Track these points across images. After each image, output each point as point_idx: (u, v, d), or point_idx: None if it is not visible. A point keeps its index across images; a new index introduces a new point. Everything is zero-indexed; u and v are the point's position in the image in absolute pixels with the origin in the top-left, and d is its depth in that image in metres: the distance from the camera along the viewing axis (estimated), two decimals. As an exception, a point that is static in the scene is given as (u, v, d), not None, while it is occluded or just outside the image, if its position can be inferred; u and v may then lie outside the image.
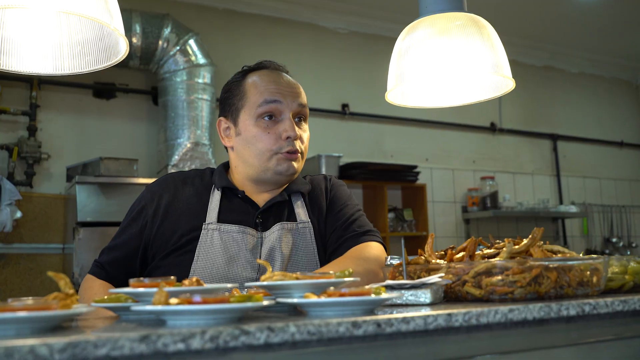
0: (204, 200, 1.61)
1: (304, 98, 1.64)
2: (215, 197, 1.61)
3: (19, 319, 0.76)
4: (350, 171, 4.59)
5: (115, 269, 1.58)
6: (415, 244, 4.78)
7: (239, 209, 1.60)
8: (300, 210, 1.64)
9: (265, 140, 1.57)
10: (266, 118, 1.58)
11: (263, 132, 1.57)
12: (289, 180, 1.64)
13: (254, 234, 1.57)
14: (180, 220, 1.57)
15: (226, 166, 1.73)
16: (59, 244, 3.87)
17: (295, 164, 1.60)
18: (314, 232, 1.63)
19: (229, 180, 1.65)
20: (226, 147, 1.70)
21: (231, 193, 1.63)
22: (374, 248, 1.60)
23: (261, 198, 1.64)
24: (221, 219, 1.57)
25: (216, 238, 1.53)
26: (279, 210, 1.63)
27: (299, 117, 1.64)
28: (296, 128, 1.59)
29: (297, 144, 1.59)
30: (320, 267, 1.59)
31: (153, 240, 1.57)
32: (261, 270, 1.53)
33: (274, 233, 1.57)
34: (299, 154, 1.61)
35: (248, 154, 1.60)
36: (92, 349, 0.67)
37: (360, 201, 4.88)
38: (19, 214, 3.60)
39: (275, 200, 1.62)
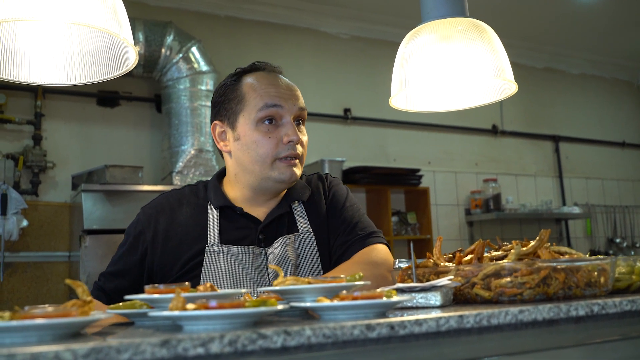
0: (202, 220, 1.57)
1: (302, 101, 1.60)
2: (214, 215, 1.57)
3: (42, 326, 0.77)
4: (353, 175, 4.60)
5: (121, 297, 1.56)
6: (419, 247, 4.79)
7: (239, 227, 1.57)
8: (301, 219, 1.62)
9: (266, 145, 1.52)
10: (266, 122, 1.53)
11: (264, 136, 1.53)
12: (286, 187, 1.61)
13: (258, 252, 1.54)
14: (182, 245, 1.54)
15: (220, 177, 1.68)
16: (65, 252, 3.89)
17: (296, 170, 1.56)
18: (316, 240, 1.61)
19: (226, 196, 1.61)
20: (221, 153, 1.65)
21: (230, 210, 1.59)
22: (380, 251, 1.59)
23: (261, 211, 1.61)
24: (223, 239, 1.54)
25: (221, 260, 1.51)
26: (280, 223, 1.60)
27: (298, 121, 1.60)
28: (297, 131, 1.56)
29: (298, 147, 1.56)
30: (324, 274, 1.58)
31: (157, 268, 1.55)
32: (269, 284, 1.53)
33: (277, 249, 1.55)
34: (299, 159, 1.58)
35: (248, 159, 1.55)
36: (115, 354, 0.69)
37: (363, 205, 4.89)
38: (25, 223, 3.62)
39: (276, 213, 1.59)
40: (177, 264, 1.53)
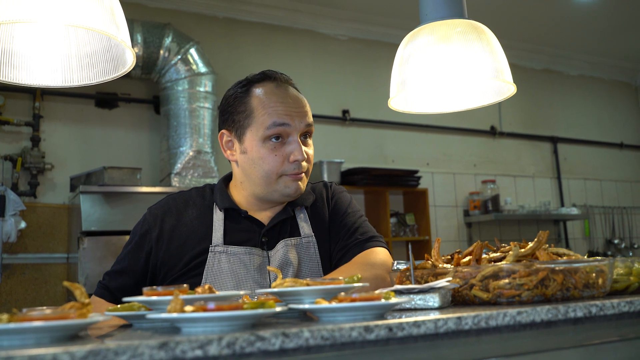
0: (207, 221, 1.60)
1: (310, 116, 1.61)
2: (219, 217, 1.60)
3: (39, 328, 0.77)
4: (352, 177, 4.60)
5: (126, 295, 1.56)
6: (417, 249, 4.79)
7: (243, 229, 1.60)
8: (304, 224, 1.65)
9: (272, 162, 1.55)
10: (273, 140, 1.55)
11: (270, 153, 1.54)
12: (291, 200, 1.64)
13: (260, 254, 1.57)
14: (186, 244, 1.57)
15: (227, 180, 1.71)
16: (64, 253, 3.88)
17: (301, 185, 1.59)
18: (318, 245, 1.63)
19: (232, 199, 1.64)
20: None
21: (235, 212, 1.62)
22: (380, 253, 1.60)
23: (265, 215, 1.64)
24: (227, 240, 1.57)
25: (224, 261, 1.54)
26: (283, 227, 1.63)
27: (305, 135, 1.61)
28: (303, 149, 1.57)
29: (303, 164, 1.58)
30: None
31: (160, 266, 1.57)
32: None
33: (279, 251, 1.58)
34: (304, 174, 1.60)
35: (254, 173, 1.58)
36: (112, 356, 0.69)
37: (362, 207, 4.89)
38: (23, 225, 3.61)
39: (280, 217, 1.62)
40: (180, 263, 1.55)
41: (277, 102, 1.56)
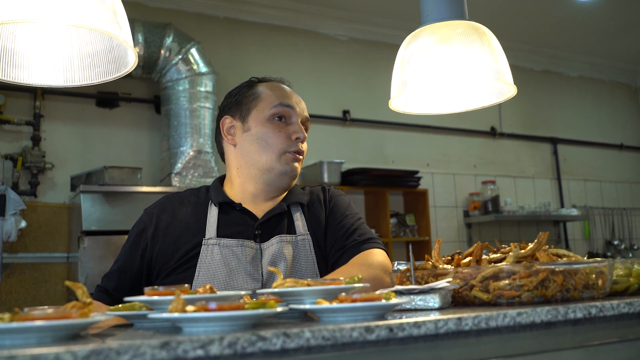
0: (201, 217, 1.63)
1: (307, 113, 1.75)
2: (213, 212, 1.63)
3: (42, 328, 0.77)
4: (352, 177, 4.61)
5: (123, 295, 1.57)
6: (417, 249, 4.80)
7: (237, 222, 1.63)
8: (300, 222, 1.66)
9: (276, 137, 1.63)
10: (277, 119, 1.65)
11: (274, 130, 1.64)
12: (288, 183, 1.68)
13: (252, 246, 1.58)
14: (180, 239, 1.59)
15: (221, 180, 1.75)
16: (64, 253, 3.88)
17: (297, 166, 1.67)
18: (313, 244, 1.64)
19: (225, 194, 1.68)
20: (222, 154, 1.74)
21: (229, 207, 1.66)
22: (377, 254, 1.61)
23: (259, 209, 1.66)
24: (220, 233, 1.59)
25: (216, 253, 1.55)
26: (278, 222, 1.64)
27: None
28: (304, 130, 1.68)
29: (304, 145, 1.68)
30: (320, 277, 1.61)
31: (155, 261, 1.60)
32: (264, 281, 1.55)
33: (273, 245, 1.59)
34: (301, 156, 1.69)
35: (255, 150, 1.65)
36: (114, 356, 0.69)
37: (362, 207, 4.90)
38: (23, 224, 3.62)
39: (275, 212, 1.64)
40: (174, 257, 1.57)
41: (281, 89, 1.72)
